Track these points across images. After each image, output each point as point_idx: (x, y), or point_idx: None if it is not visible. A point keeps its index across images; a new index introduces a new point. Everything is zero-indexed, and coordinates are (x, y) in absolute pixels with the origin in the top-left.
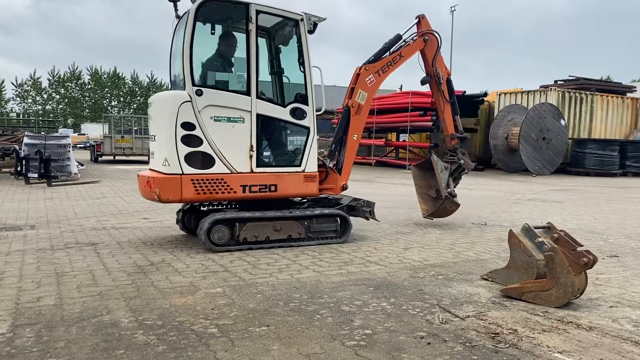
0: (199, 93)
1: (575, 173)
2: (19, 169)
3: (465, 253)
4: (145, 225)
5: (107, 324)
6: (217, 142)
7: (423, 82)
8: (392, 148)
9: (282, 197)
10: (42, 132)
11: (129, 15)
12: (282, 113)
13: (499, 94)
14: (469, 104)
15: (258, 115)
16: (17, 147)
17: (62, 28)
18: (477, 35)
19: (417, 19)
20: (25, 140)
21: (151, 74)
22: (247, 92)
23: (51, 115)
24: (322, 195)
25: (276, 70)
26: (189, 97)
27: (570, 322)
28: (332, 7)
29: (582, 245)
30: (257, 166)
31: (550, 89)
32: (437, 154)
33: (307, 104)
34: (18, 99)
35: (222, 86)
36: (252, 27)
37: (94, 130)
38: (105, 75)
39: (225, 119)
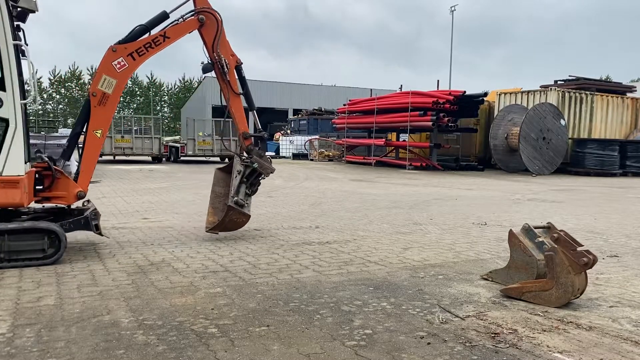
0: None
1: (575, 173)
2: None
3: (465, 253)
4: (145, 225)
5: (107, 324)
6: None
7: (204, 70)
8: (392, 148)
9: None
10: (42, 132)
11: (132, 13)
12: None
13: (499, 94)
14: (469, 104)
15: None
16: None
17: (66, 26)
18: (478, 34)
19: None
20: None
21: (151, 74)
22: None
23: (51, 115)
24: (61, 205)
25: None
26: None
27: (570, 322)
28: (338, 4)
29: (582, 245)
30: None
31: (550, 89)
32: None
33: (3, 89)
34: None
35: None
36: None
37: None
38: None
39: None
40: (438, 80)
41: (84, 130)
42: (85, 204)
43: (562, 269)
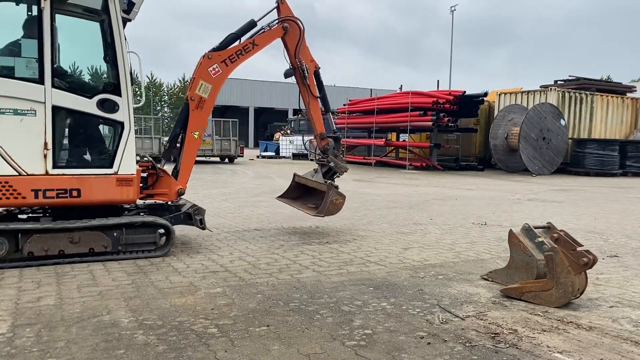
0: None
1: (575, 173)
2: None
3: (465, 253)
4: None
5: (107, 324)
6: None
7: (286, 75)
8: (392, 148)
9: (88, 203)
10: None
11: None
12: (86, 105)
13: (499, 94)
14: (469, 104)
15: (55, 108)
16: None
17: None
18: (478, 34)
19: (277, 4)
20: None
21: (151, 74)
22: (40, 80)
23: None
24: (160, 201)
25: (87, 56)
26: None
27: (570, 322)
28: (339, 3)
29: (582, 245)
30: (55, 167)
31: (550, 89)
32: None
33: (119, 94)
34: None
35: (6, 73)
36: (45, 4)
37: None
38: None
39: (11, 111)
40: (438, 80)
41: (183, 131)
42: (175, 200)
43: (562, 269)
